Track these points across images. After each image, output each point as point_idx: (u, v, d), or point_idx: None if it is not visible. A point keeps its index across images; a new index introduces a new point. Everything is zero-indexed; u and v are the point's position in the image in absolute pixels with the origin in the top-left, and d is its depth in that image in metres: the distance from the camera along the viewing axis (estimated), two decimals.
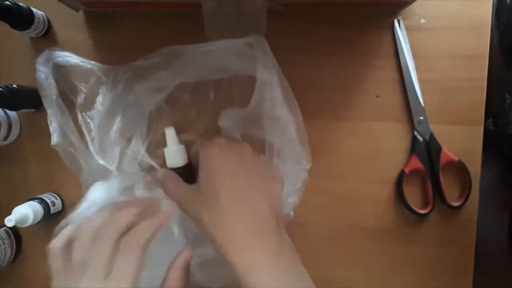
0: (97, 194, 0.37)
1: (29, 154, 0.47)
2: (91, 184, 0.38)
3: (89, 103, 0.41)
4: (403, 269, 0.45)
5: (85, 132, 0.41)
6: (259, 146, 0.39)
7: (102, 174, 0.39)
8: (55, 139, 0.40)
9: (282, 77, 0.37)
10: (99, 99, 0.41)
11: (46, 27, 0.45)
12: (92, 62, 0.41)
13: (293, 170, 0.39)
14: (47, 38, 0.46)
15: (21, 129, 0.47)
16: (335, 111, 0.45)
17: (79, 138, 0.41)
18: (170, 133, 0.39)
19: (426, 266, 0.45)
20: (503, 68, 0.48)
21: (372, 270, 0.45)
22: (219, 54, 0.38)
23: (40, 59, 0.40)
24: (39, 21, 0.44)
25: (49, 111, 0.40)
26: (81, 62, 0.41)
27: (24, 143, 0.47)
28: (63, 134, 0.40)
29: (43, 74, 0.39)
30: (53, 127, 0.40)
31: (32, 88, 0.45)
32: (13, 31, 0.43)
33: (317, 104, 0.45)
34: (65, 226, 0.33)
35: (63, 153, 0.40)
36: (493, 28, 0.44)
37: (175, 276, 0.32)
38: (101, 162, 0.39)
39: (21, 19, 0.42)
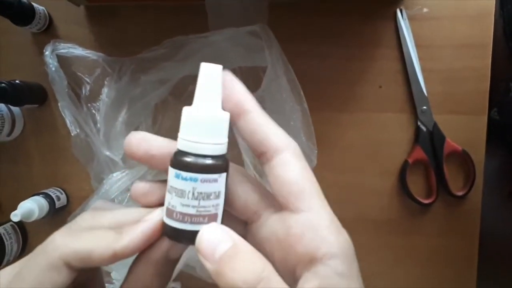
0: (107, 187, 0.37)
1: (33, 150, 0.47)
2: (100, 175, 0.38)
3: (94, 95, 0.41)
4: (407, 260, 0.45)
5: (91, 123, 0.41)
6: None
7: (108, 165, 0.39)
8: (74, 130, 0.40)
9: (287, 64, 0.37)
10: (105, 90, 0.41)
11: (47, 23, 0.45)
12: (97, 53, 0.41)
13: None
14: (49, 33, 0.46)
15: (24, 125, 0.47)
16: (337, 103, 0.45)
17: (93, 129, 0.41)
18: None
19: (430, 256, 0.45)
20: (507, 57, 0.47)
21: (376, 261, 0.45)
22: (223, 45, 0.38)
23: (47, 52, 0.40)
24: (40, 17, 0.44)
25: (62, 103, 0.40)
26: (86, 53, 0.41)
27: (27, 139, 0.47)
28: (79, 125, 0.40)
29: (53, 67, 0.39)
30: (70, 119, 0.40)
31: (35, 84, 0.45)
32: (14, 26, 0.43)
33: (319, 96, 0.44)
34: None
35: (79, 144, 0.40)
36: (497, 17, 0.44)
37: (146, 274, 0.21)
38: (107, 153, 0.39)
39: (22, 15, 0.42)
